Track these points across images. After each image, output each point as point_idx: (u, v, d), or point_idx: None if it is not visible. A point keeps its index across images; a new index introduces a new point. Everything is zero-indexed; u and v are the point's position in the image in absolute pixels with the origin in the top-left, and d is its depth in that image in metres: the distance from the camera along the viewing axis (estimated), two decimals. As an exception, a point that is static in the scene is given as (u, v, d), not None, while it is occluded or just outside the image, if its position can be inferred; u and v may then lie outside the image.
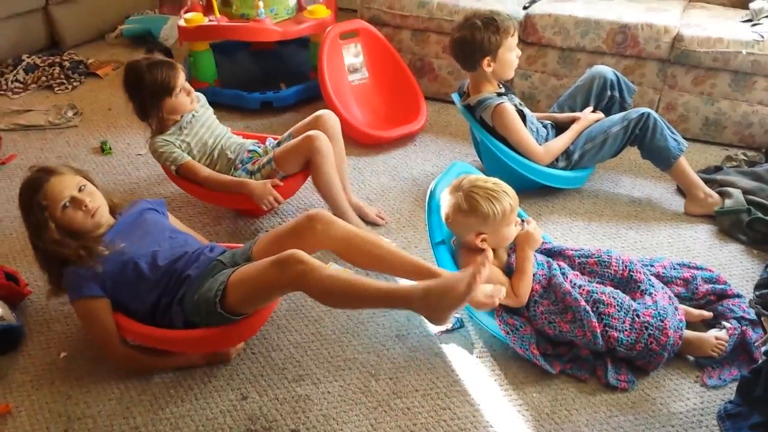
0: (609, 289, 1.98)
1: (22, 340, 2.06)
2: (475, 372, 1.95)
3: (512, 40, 2.51)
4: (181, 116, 2.47)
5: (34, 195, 1.90)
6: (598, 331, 1.88)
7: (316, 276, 1.67)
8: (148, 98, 2.38)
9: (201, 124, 2.52)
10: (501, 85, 2.62)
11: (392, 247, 1.96)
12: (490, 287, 1.80)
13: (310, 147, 2.38)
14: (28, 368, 1.98)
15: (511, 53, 2.52)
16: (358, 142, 3.05)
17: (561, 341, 1.96)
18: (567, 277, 2.01)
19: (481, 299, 1.79)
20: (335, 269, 1.78)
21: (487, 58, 2.50)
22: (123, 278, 1.89)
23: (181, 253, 1.96)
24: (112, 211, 2.06)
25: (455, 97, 2.74)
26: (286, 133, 2.61)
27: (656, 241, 2.48)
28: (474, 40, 2.48)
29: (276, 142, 2.62)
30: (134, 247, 1.94)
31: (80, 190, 1.94)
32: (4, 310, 2.05)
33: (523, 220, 2.08)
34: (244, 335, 1.97)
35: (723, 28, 2.93)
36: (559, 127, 2.70)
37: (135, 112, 2.44)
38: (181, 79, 2.40)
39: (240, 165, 2.51)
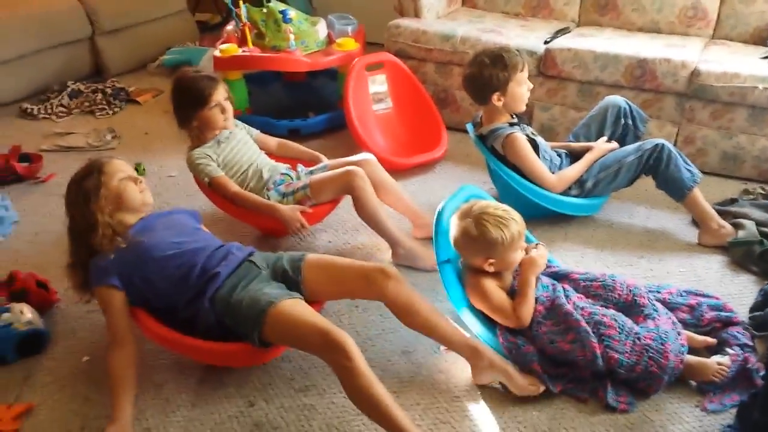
0: (611, 311, 2.01)
1: (48, 344, 2.18)
2: (476, 389, 1.99)
3: (521, 75, 2.58)
4: (219, 132, 2.59)
5: (96, 167, 2.04)
6: (599, 352, 1.92)
7: (355, 380, 1.69)
8: (184, 105, 2.52)
9: (238, 141, 2.64)
10: (513, 116, 2.70)
11: (446, 319, 2.02)
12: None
13: (349, 182, 2.46)
14: (52, 370, 2.10)
15: (520, 87, 2.60)
16: (380, 169, 3.15)
17: (562, 362, 2.00)
18: (570, 299, 2.05)
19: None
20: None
21: (497, 93, 2.58)
22: (140, 267, 1.95)
23: (203, 246, 2.02)
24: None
25: (469, 127, 2.83)
26: (322, 164, 2.71)
27: (668, 271, 2.50)
28: (482, 76, 2.57)
29: (309, 170, 2.72)
30: (154, 239, 2.01)
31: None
32: (33, 315, 2.18)
33: (537, 245, 2.14)
34: (267, 357, 2.02)
35: (741, 64, 2.97)
36: (574, 156, 2.76)
37: (175, 118, 2.58)
38: (220, 94, 2.53)
39: (272, 186, 2.60)
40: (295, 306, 1.84)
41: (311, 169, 2.72)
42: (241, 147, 2.63)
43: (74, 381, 2.05)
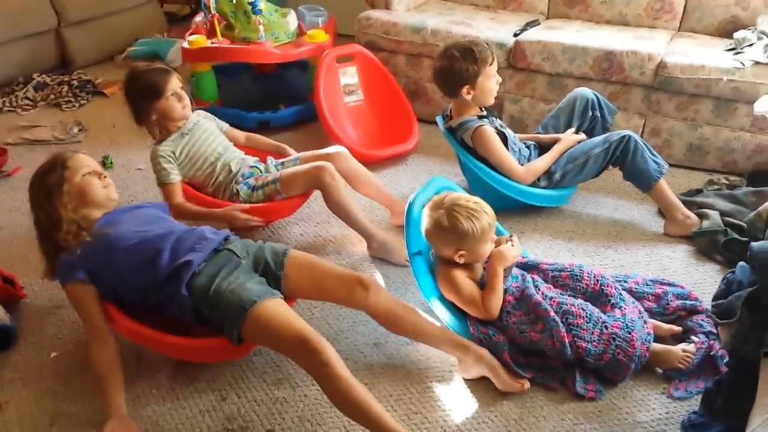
0: (579, 301, 2.04)
1: (15, 340, 2.15)
2: (448, 379, 2.02)
3: (491, 69, 2.59)
4: (182, 124, 2.57)
5: (59, 162, 2.02)
6: (567, 341, 1.95)
7: (335, 386, 1.69)
8: (140, 99, 2.49)
9: (204, 131, 2.61)
10: (482, 109, 2.71)
11: (429, 321, 2.04)
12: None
13: (319, 177, 2.46)
14: (19, 366, 2.07)
15: (489, 81, 2.61)
16: (351, 161, 3.15)
17: (532, 351, 2.02)
18: (539, 290, 2.08)
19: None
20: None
21: (466, 86, 2.59)
22: (107, 260, 1.92)
23: (169, 231, 1.99)
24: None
25: (439, 119, 2.85)
26: (293, 156, 2.70)
27: (634, 260, 2.54)
28: (452, 69, 2.58)
29: (280, 161, 2.71)
30: (119, 230, 1.97)
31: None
32: (-1, 311, 2.15)
33: (510, 237, 2.16)
34: (243, 353, 2.01)
35: (706, 56, 3.02)
36: (542, 148, 2.79)
37: (132, 115, 2.55)
38: (174, 84, 2.50)
39: (241, 179, 2.59)
40: (277, 307, 1.82)
41: (282, 161, 2.71)
42: (207, 138, 2.61)
43: (42, 377, 2.03)
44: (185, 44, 3.46)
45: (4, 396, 1.96)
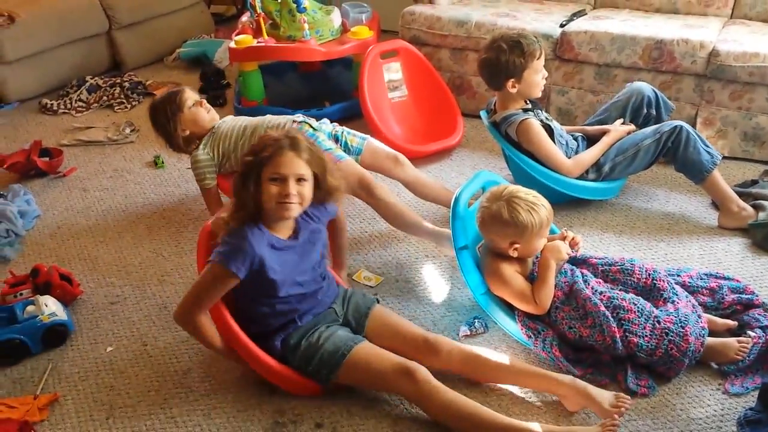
0: (630, 295, 2.00)
1: (71, 335, 2.21)
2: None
3: (538, 63, 2.56)
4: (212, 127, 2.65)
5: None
6: (618, 336, 1.91)
7: (437, 397, 1.74)
8: (165, 121, 2.59)
9: (232, 119, 2.68)
10: (528, 102, 2.68)
11: (509, 359, 1.98)
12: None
13: (367, 194, 2.46)
14: (76, 361, 2.13)
15: (536, 75, 2.57)
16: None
17: (582, 346, 2.00)
18: (589, 284, 2.04)
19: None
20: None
21: (512, 79, 2.56)
22: (258, 286, 1.86)
23: (312, 292, 1.96)
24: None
25: (483, 113, 2.82)
26: (360, 137, 2.70)
27: (687, 254, 2.48)
28: (499, 62, 2.55)
29: (343, 129, 2.71)
30: (285, 270, 1.88)
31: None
32: (57, 307, 2.21)
33: (564, 234, 2.15)
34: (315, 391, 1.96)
35: (760, 43, 2.93)
36: (590, 140, 2.74)
37: (166, 144, 2.67)
38: (189, 95, 2.63)
39: (300, 126, 2.60)
40: (369, 348, 1.87)
41: (348, 130, 2.71)
42: (237, 121, 2.65)
43: (98, 371, 2.08)
44: (232, 44, 3.51)
45: (61, 390, 2.02)
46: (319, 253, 1.98)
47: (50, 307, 2.18)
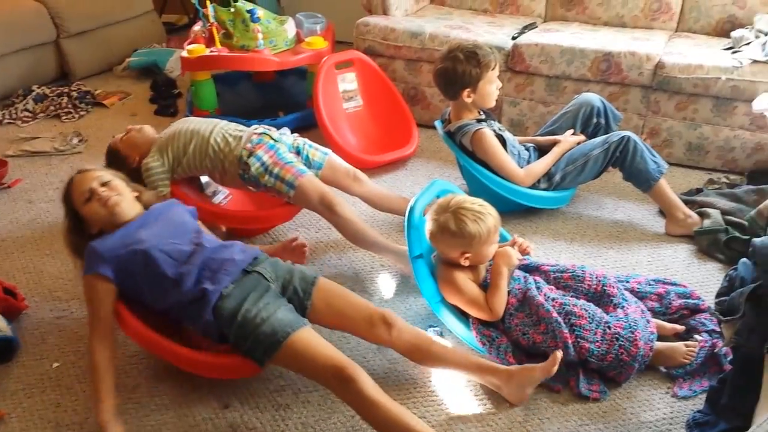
0: (581, 302, 2.04)
1: (17, 351, 2.14)
2: (451, 382, 2.00)
3: (492, 74, 2.59)
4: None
5: (67, 188, 2.12)
6: (570, 342, 1.94)
7: (371, 411, 1.70)
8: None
9: (181, 121, 2.64)
10: (481, 112, 2.71)
11: (458, 350, 2.03)
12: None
13: (331, 216, 2.43)
14: (22, 377, 2.06)
15: (490, 85, 2.61)
16: (351, 167, 3.15)
17: (535, 353, 2.02)
18: (541, 291, 2.07)
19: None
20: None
21: (467, 89, 2.59)
22: (134, 266, 1.90)
23: (198, 248, 1.97)
24: (146, 206, 2.12)
25: (437, 123, 2.85)
26: (323, 150, 2.66)
27: (636, 260, 2.54)
28: (455, 72, 2.57)
29: (305, 141, 2.66)
30: (153, 238, 1.95)
31: (103, 184, 2.06)
32: (1, 322, 2.14)
33: (514, 241, 2.17)
34: (253, 372, 1.93)
35: (704, 56, 3.03)
36: (542, 150, 2.79)
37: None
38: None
39: (250, 146, 2.50)
40: (310, 337, 1.81)
41: (310, 143, 2.66)
42: (186, 125, 2.60)
43: (44, 388, 2.02)
44: (184, 53, 3.47)
45: (6, 407, 1.95)
46: (182, 216, 2.11)
47: (-7, 323, 2.11)
